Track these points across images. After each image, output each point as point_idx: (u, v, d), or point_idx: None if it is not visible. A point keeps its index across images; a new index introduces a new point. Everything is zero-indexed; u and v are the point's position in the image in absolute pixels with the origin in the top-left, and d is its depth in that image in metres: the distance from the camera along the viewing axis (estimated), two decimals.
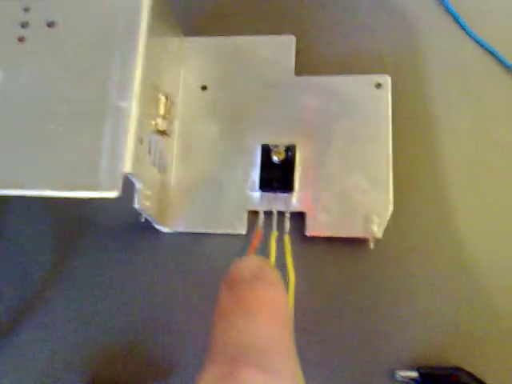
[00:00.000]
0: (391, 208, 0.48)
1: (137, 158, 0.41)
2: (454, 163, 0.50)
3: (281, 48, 0.54)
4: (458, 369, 0.45)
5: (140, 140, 0.42)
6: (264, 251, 0.48)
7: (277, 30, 0.55)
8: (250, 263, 0.35)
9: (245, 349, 0.30)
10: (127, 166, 0.40)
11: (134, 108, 0.41)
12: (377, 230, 0.47)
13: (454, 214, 0.49)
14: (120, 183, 0.40)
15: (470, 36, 0.54)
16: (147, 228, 0.49)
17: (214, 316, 0.33)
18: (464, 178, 0.50)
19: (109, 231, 0.51)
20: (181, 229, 0.50)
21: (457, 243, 0.48)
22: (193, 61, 0.54)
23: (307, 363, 0.42)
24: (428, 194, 0.50)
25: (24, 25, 0.45)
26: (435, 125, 0.52)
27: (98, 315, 0.49)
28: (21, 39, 0.45)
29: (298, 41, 0.54)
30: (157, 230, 0.50)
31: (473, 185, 0.50)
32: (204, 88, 0.53)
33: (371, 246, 0.47)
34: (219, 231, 0.50)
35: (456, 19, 0.54)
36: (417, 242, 0.49)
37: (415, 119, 0.52)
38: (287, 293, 0.45)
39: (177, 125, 0.52)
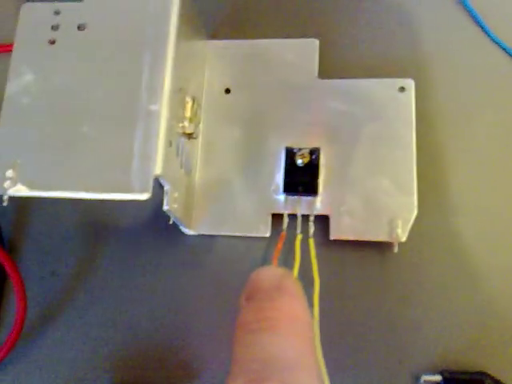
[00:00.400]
0: (415, 212, 0.48)
1: (166, 161, 0.41)
2: (477, 167, 0.51)
3: (304, 51, 0.54)
4: (482, 373, 0.45)
5: (169, 143, 0.42)
6: (288, 254, 0.49)
7: (300, 34, 0.55)
8: (270, 273, 0.34)
9: (269, 365, 0.30)
10: (158, 169, 0.40)
11: (163, 111, 0.42)
12: (401, 233, 0.47)
13: (477, 219, 0.49)
14: (151, 185, 0.40)
15: (493, 40, 0.54)
16: (172, 230, 0.49)
17: (236, 328, 0.32)
18: (488, 183, 0.50)
19: (134, 233, 0.52)
20: (205, 231, 0.51)
21: (481, 248, 0.48)
22: (216, 64, 0.54)
23: (331, 367, 0.43)
24: (452, 198, 0.50)
25: (55, 27, 0.45)
26: (458, 129, 0.52)
27: (124, 316, 0.49)
28: (52, 42, 0.45)
29: (321, 44, 0.54)
30: (181, 233, 0.50)
31: (497, 189, 0.50)
32: (227, 91, 0.54)
33: (395, 249, 0.47)
34: (243, 234, 0.50)
35: (478, 23, 0.54)
36: (441, 246, 0.49)
37: (437, 122, 0.52)
38: (313, 297, 0.46)
39: (201, 127, 0.52)
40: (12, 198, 0.42)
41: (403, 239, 0.47)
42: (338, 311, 0.48)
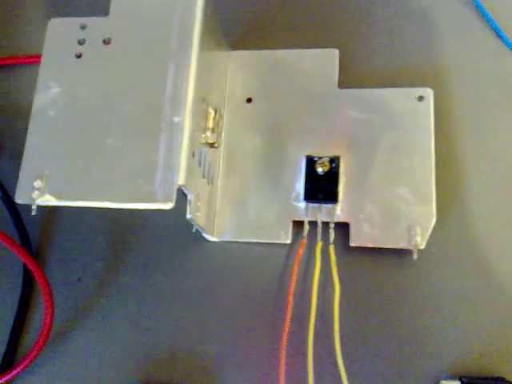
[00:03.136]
0: (434, 219, 0.48)
1: (189, 171, 0.42)
2: (496, 175, 0.51)
3: (324, 61, 0.54)
4: (500, 379, 0.45)
5: (192, 153, 0.43)
6: (309, 261, 0.49)
7: (321, 44, 0.55)
8: None
9: None
10: (181, 179, 0.41)
11: (186, 123, 0.42)
12: (420, 241, 0.48)
13: (496, 226, 0.49)
14: (174, 195, 0.41)
15: (511, 49, 0.54)
16: (195, 237, 0.50)
17: None
18: (508, 190, 0.50)
19: (158, 240, 0.52)
20: (227, 238, 0.51)
21: (499, 255, 0.49)
22: (238, 74, 0.55)
23: (351, 372, 0.44)
24: (470, 206, 0.50)
25: (81, 42, 0.46)
26: (476, 137, 0.52)
27: (148, 322, 0.50)
28: (78, 56, 0.46)
29: (341, 54, 0.54)
30: (204, 239, 0.51)
31: None
32: (249, 100, 0.54)
33: (414, 256, 0.47)
34: (264, 240, 0.51)
35: (497, 33, 0.55)
36: (459, 253, 0.49)
37: (456, 131, 0.52)
38: (333, 303, 0.47)
39: (222, 136, 0.53)
40: (39, 206, 0.42)
41: (422, 246, 0.48)
42: (358, 317, 0.48)
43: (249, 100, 0.54)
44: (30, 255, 0.48)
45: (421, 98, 0.52)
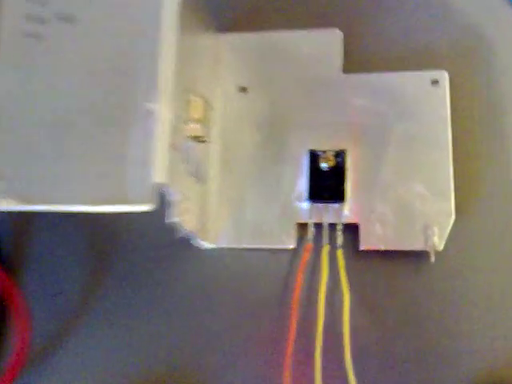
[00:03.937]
0: (453, 218, 0.45)
1: (170, 167, 0.38)
2: None
3: (327, 43, 0.51)
4: None
5: (173, 146, 0.39)
6: (315, 267, 0.47)
7: (323, 24, 0.52)
8: None
9: None
10: (159, 176, 0.37)
11: (164, 111, 0.39)
12: (437, 241, 0.45)
13: None
14: (153, 195, 0.37)
15: None
16: (187, 244, 0.47)
17: None
18: None
19: (145, 248, 0.50)
20: (223, 244, 0.48)
21: None
22: (230, 60, 0.52)
23: (365, 383, 0.43)
24: (491, 202, 0.47)
25: (40, 20, 0.42)
26: (498, 125, 0.49)
27: (140, 337, 0.48)
28: (36, 36, 0.42)
29: (345, 36, 0.51)
30: (197, 246, 0.48)
31: None
32: (243, 90, 0.51)
33: (432, 259, 0.45)
34: (265, 246, 0.48)
35: None
36: (480, 255, 0.46)
37: (475, 119, 0.49)
38: (342, 312, 0.45)
39: (215, 130, 0.50)
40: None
41: (440, 248, 0.45)
42: (370, 327, 0.46)
43: (243, 89, 0.51)
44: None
45: (435, 82, 0.48)
